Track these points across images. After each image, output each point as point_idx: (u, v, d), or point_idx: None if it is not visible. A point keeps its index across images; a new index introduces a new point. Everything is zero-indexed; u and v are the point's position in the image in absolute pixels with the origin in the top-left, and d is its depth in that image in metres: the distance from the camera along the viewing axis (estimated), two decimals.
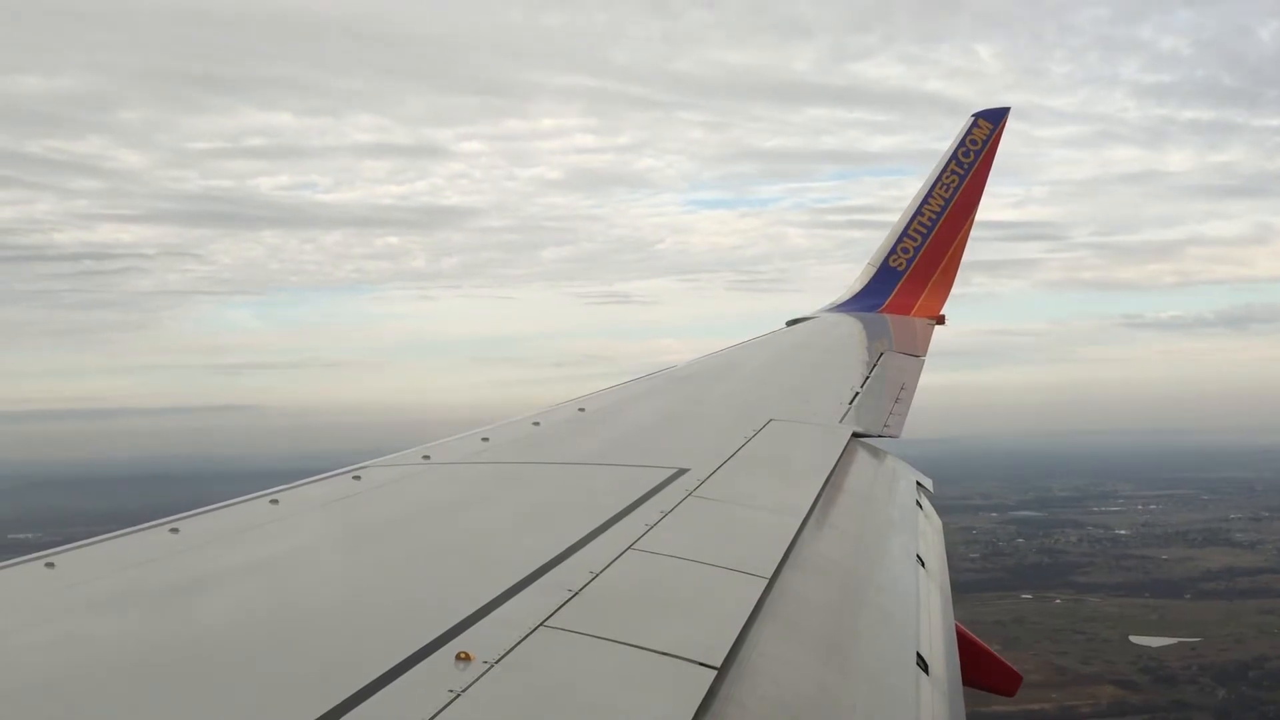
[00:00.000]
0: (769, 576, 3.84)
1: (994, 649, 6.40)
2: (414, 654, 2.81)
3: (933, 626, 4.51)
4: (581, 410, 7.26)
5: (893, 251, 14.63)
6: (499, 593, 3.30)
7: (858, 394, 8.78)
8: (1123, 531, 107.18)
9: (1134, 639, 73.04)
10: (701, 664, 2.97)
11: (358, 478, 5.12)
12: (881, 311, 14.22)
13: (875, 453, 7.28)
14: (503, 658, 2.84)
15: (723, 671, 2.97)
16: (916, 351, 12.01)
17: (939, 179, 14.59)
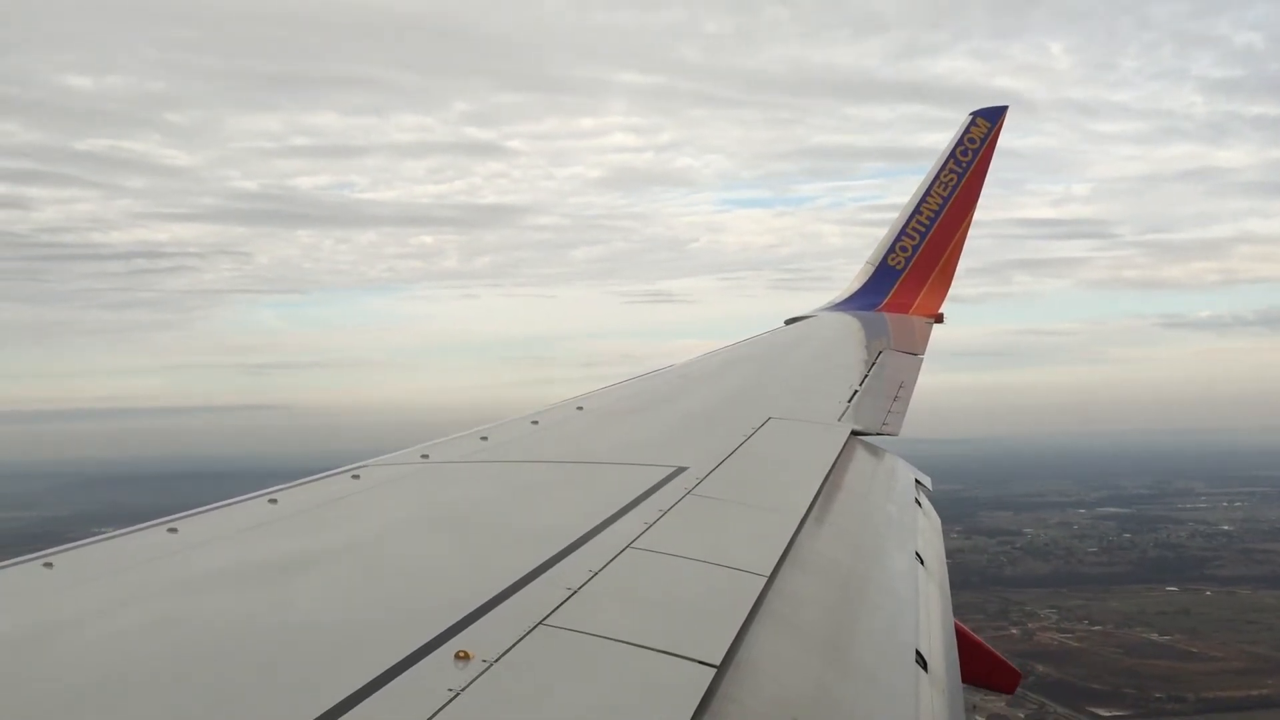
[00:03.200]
0: (768, 575, 3.84)
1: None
2: (413, 653, 2.81)
3: (931, 624, 4.51)
4: (580, 409, 7.26)
5: (891, 250, 14.64)
6: (498, 591, 3.30)
7: (856, 392, 8.78)
8: (1227, 526, 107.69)
9: None
10: (701, 662, 2.97)
11: (357, 477, 5.12)
12: (880, 310, 14.24)
13: (874, 451, 7.28)
14: (502, 656, 2.84)
15: (722, 670, 2.97)
16: (915, 350, 12.02)
17: (937, 178, 14.60)
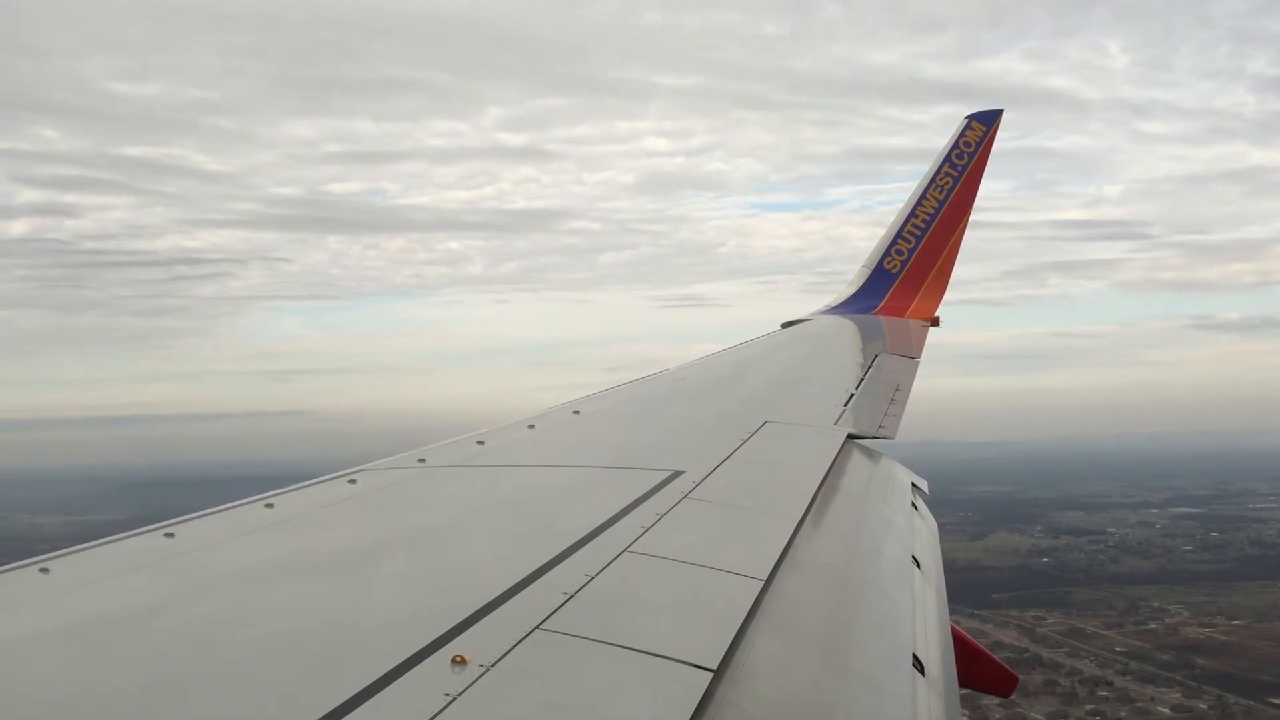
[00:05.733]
0: (765, 578, 3.84)
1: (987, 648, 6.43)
2: (409, 658, 2.81)
3: (928, 628, 4.51)
4: (576, 413, 7.26)
5: (887, 253, 14.65)
6: (494, 596, 3.30)
7: (853, 396, 8.78)
8: None
9: None
10: (698, 666, 2.97)
11: (353, 481, 5.12)
12: (876, 313, 14.24)
13: (870, 454, 7.28)
14: (499, 661, 2.84)
15: (719, 674, 2.97)
16: (911, 353, 12.02)
17: (933, 181, 14.61)
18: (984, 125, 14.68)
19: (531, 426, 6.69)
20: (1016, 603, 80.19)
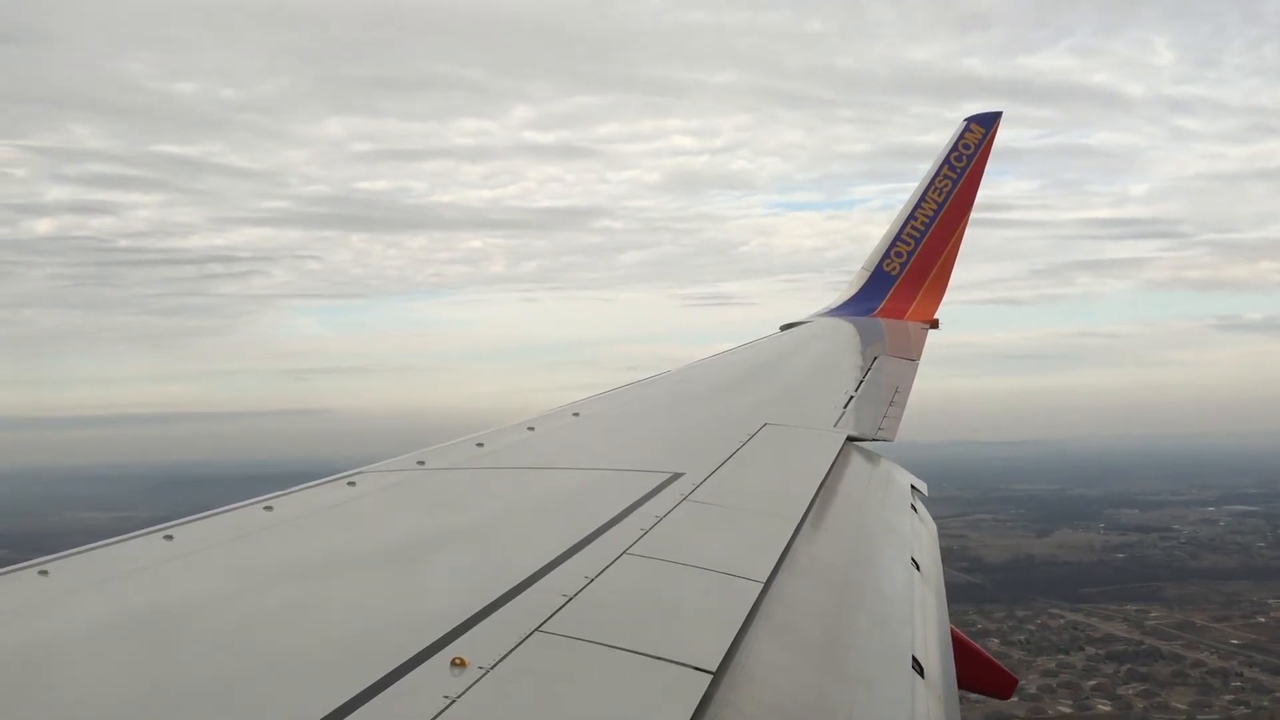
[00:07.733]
0: (764, 581, 3.84)
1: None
2: (409, 660, 2.81)
3: (928, 630, 4.51)
4: (576, 415, 7.27)
5: (886, 255, 14.66)
6: (494, 598, 3.30)
7: (852, 398, 8.78)
8: None
9: None
10: (697, 669, 2.97)
11: (353, 483, 5.12)
12: (875, 315, 14.25)
13: (870, 456, 7.28)
14: (498, 663, 2.84)
15: (718, 676, 2.97)
16: (911, 355, 12.03)
17: (932, 183, 14.62)
18: (983, 128, 14.70)
19: (531, 428, 6.69)
20: (1109, 597, 79.84)
